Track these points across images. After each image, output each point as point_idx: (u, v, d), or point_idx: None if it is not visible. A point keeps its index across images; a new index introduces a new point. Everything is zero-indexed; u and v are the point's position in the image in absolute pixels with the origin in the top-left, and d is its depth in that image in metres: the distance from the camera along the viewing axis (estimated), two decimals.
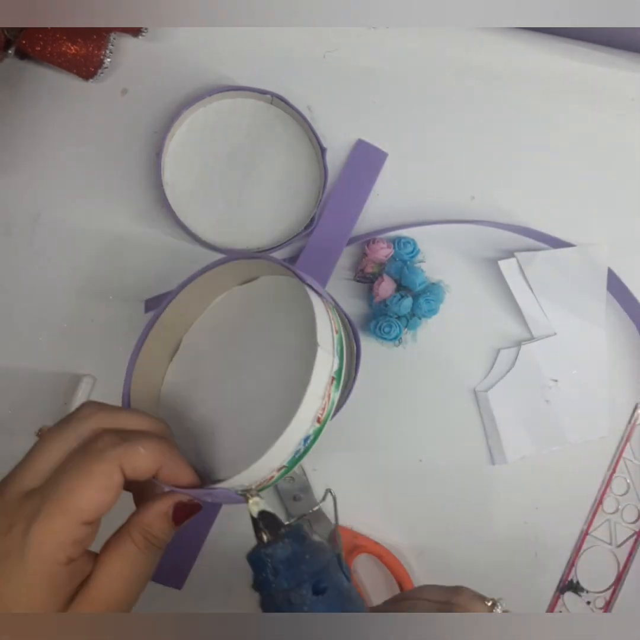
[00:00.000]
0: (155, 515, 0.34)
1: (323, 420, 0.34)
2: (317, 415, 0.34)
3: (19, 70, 0.52)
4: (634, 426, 0.55)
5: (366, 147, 0.54)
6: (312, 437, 0.34)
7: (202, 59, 0.54)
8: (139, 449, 0.32)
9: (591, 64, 0.57)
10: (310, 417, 0.33)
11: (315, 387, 0.33)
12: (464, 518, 0.52)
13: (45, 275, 0.51)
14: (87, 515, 0.31)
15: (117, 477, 0.31)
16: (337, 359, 0.35)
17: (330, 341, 0.35)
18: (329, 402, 0.34)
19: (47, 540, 0.30)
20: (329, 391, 0.34)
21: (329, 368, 0.34)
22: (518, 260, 0.53)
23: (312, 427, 0.34)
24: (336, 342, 0.35)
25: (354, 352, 0.51)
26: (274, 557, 0.33)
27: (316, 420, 0.34)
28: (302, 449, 0.34)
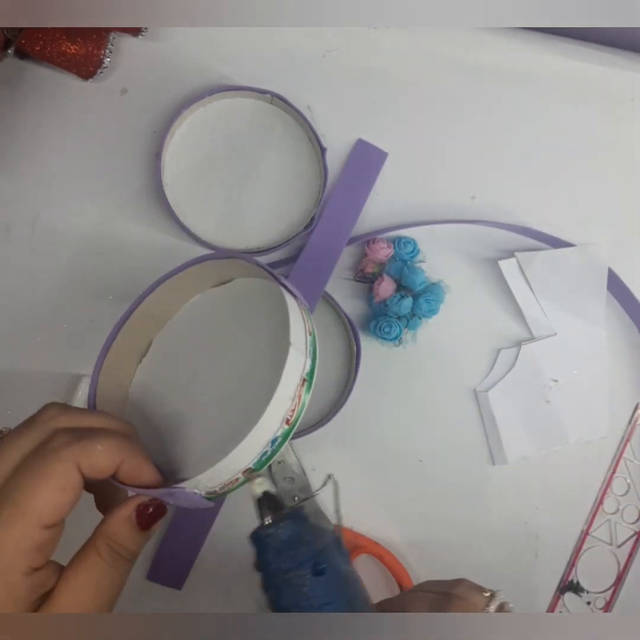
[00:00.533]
0: (118, 521, 0.32)
1: (292, 422, 0.33)
2: (286, 416, 0.33)
3: (19, 70, 0.52)
4: (634, 426, 0.55)
5: (366, 147, 0.54)
6: (281, 439, 0.33)
7: (201, 58, 0.54)
8: (96, 446, 0.31)
9: (591, 64, 0.57)
10: (279, 418, 0.33)
11: (285, 388, 0.32)
12: (464, 518, 0.52)
13: (45, 275, 0.51)
14: (46, 518, 0.29)
15: (74, 476, 0.30)
16: (310, 361, 0.34)
17: (303, 341, 0.34)
18: (300, 403, 0.33)
19: (7, 547, 0.29)
20: (300, 392, 0.33)
21: (301, 369, 0.34)
22: (518, 260, 0.53)
23: (281, 429, 0.33)
24: (309, 343, 0.35)
25: (354, 352, 0.51)
26: (276, 537, 0.33)
27: (285, 421, 0.33)
28: (269, 451, 0.33)
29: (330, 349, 0.52)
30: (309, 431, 0.50)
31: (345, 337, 0.52)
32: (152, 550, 0.48)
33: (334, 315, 0.52)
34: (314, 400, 0.51)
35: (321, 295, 0.51)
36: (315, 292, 0.51)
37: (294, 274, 0.51)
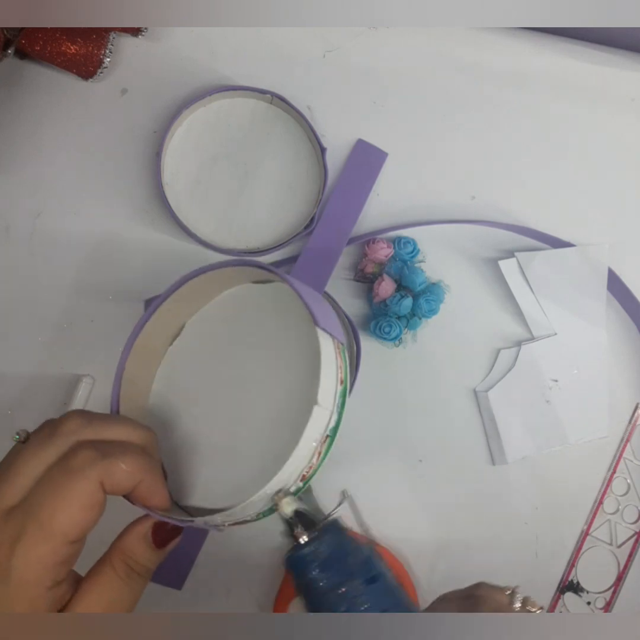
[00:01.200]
0: (135, 538, 0.33)
1: (308, 478, 0.32)
2: (302, 473, 0.32)
3: (19, 69, 0.52)
4: (634, 426, 0.55)
5: (366, 147, 0.54)
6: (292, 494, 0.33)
7: (202, 58, 0.54)
8: (120, 465, 0.31)
9: (591, 64, 0.57)
10: (297, 473, 0.32)
11: (304, 447, 0.31)
12: (464, 518, 0.52)
13: (45, 275, 0.51)
14: (71, 536, 0.30)
15: (98, 495, 0.31)
16: (336, 415, 0.32)
17: (332, 395, 0.32)
18: (318, 459, 0.32)
19: (32, 564, 0.29)
20: (320, 449, 0.31)
21: (324, 425, 0.31)
22: (518, 260, 0.53)
23: (294, 485, 0.32)
24: (338, 395, 0.32)
25: (354, 352, 0.51)
26: (318, 554, 0.32)
27: (300, 478, 0.32)
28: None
29: None
30: None
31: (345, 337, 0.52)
32: None
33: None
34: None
35: (321, 295, 0.51)
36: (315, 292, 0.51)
37: (294, 274, 0.51)
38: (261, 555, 0.49)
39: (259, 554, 0.49)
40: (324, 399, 0.31)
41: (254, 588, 0.49)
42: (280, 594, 0.48)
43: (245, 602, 0.49)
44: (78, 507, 0.30)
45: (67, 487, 0.30)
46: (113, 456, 0.31)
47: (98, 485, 0.30)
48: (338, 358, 0.33)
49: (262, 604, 0.49)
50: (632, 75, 0.57)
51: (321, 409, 0.30)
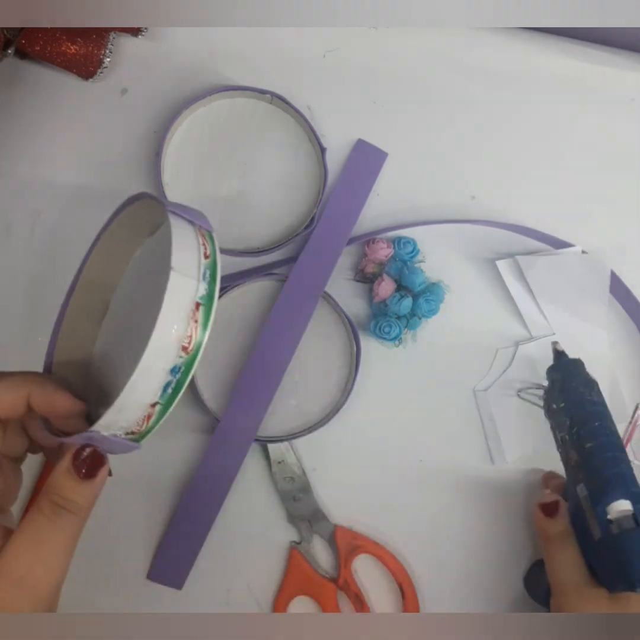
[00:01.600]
0: (58, 474, 0.32)
1: (193, 350, 0.32)
2: (182, 343, 0.32)
3: (19, 70, 0.52)
4: (635, 426, 0.55)
5: (366, 147, 0.54)
6: (183, 369, 0.32)
7: (201, 58, 0.54)
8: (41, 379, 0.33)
9: (591, 64, 0.57)
10: (171, 342, 0.31)
11: (170, 313, 0.31)
12: (464, 518, 0.52)
13: (45, 275, 0.51)
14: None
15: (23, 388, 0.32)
16: (205, 284, 0.33)
17: (195, 265, 0.33)
18: (196, 331, 0.32)
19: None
20: (196, 317, 0.32)
21: (191, 293, 0.32)
22: (519, 263, 0.53)
23: (180, 357, 0.32)
24: (204, 266, 0.33)
25: (354, 352, 0.51)
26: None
27: (182, 349, 0.32)
28: (173, 382, 0.32)
29: (330, 349, 0.52)
30: (309, 431, 0.50)
31: (345, 337, 0.52)
32: (152, 549, 0.48)
33: (334, 315, 0.52)
34: (314, 400, 0.51)
35: (321, 295, 0.51)
36: (315, 292, 0.51)
37: (294, 274, 0.51)
38: (261, 555, 0.49)
39: (259, 554, 0.49)
40: (179, 264, 0.32)
41: (254, 588, 0.49)
42: (280, 594, 0.48)
43: (245, 602, 0.49)
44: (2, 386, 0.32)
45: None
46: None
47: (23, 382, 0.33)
48: (199, 237, 0.34)
49: (262, 604, 0.49)
50: (632, 75, 0.57)
51: (179, 275, 0.32)
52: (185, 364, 0.32)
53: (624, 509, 0.41)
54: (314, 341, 0.51)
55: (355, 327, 0.51)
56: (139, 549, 0.48)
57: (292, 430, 0.50)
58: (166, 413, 0.33)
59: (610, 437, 0.44)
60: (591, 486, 0.42)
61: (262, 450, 0.50)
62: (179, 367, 0.32)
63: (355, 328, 0.51)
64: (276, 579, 0.49)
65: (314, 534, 0.50)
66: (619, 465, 0.42)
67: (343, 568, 0.49)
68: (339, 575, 0.49)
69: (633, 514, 0.40)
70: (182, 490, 0.49)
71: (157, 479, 0.49)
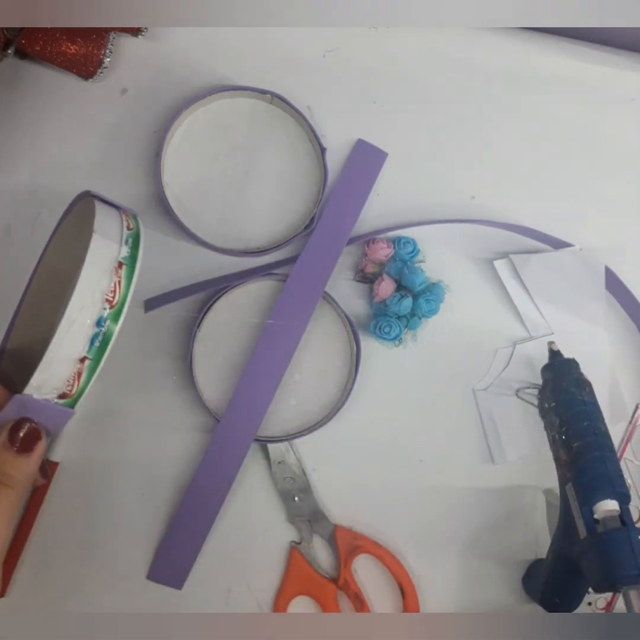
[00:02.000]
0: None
1: (117, 304, 0.34)
2: (105, 296, 0.34)
3: (19, 70, 0.52)
4: (635, 426, 0.55)
5: (366, 147, 0.54)
6: (109, 322, 0.34)
7: (201, 58, 0.54)
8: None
9: (591, 64, 0.57)
10: (94, 294, 0.34)
11: (92, 266, 0.34)
12: (463, 518, 0.52)
13: None
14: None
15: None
16: (127, 248, 0.36)
17: (117, 231, 0.36)
18: (120, 286, 0.34)
19: None
20: (118, 276, 0.35)
21: (113, 254, 0.35)
22: (513, 262, 0.53)
23: (105, 310, 0.34)
24: (126, 235, 0.37)
25: (354, 351, 0.51)
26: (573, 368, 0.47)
27: (106, 302, 0.34)
28: (100, 334, 0.34)
29: (330, 349, 0.52)
30: (309, 431, 0.50)
31: (345, 336, 0.52)
32: (152, 550, 0.48)
33: (334, 315, 0.52)
34: (314, 400, 0.51)
35: (321, 295, 0.51)
36: (315, 292, 0.51)
37: (294, 273, 0.51)
38: (261, 555, 0.49)
39: (259, 554, 0.49)
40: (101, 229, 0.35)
41: (254, 588, 0.49)
42: (280, 594, 0.48)
43: (245, 602, 0.49)
44: None
45: None
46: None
47: None
48: (123, 215, 0.38)
49: (262, 604, 0.49)
50: (632, 75, 0.57)
51: (100, 236, 0.35)
52: (111, 316, 0.34)
53: (610, 509, 0.41)
54: (314, 341, 0.51)
55: (355, 327, 0.51)
56: (139, 549, 0.48)
57: (292, 430, 0.50)
58: (96, 370, 0.34)
59: (599, 437, 0.44)
60: (578, 485, 0.43)
61: (262, 450, 0.50)
62: (105, 319, 0.34)
63: (355, 328, 0.51)
64: (276, 579, 0.49)
65: (314, 534, 0.50)
66: (605, 465, 0.42)
67: (343, 568, 0.49)
68: (339, 575, 0.49)
69: (619, 515, 0.40)
70: (182, 490, 0.49)
71: (157, 479, 0.49)
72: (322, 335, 0.52)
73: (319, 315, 0.52)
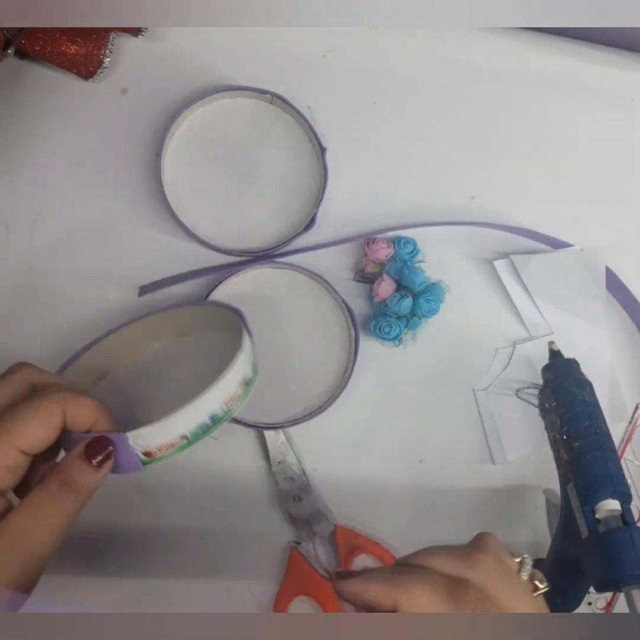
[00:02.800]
0: (70, 457, 0.34)
1: (232, 408, 0.38)
2: (227, 401, 0.38)
3: (19, 70, 0.52)
4: (635, 427, 0.55)
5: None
6: (219, 419, 0.38)
7: (202, 59, 0.54)
8: (80, 399, 0.34)
9: (591, 64, 0.57)
10: (221, 399, 0.38)
11: (231, 376, 0.38)
12: (464, 518, 0.52)
13: (45, 275, 0.51)
14: (24, 444, 0.32)
15: (58, 417, 0.33)
16: (251, 372, 0.41)
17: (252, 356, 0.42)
18: (238, 396, 0.39)
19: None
20: (240, 389, 0.39)
21: (246, 370, 0.40)
22: (513, 263, 0.53)
23: (221, 409, 0.38)
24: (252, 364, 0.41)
25: (352, 336, 0.51)
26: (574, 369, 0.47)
27: (225, 404, 0.38)
28: (207, 427, 0.37)
29: (328, 334, 0.52)
30: (310, 416, 0.50)
31: (343, 322, 0.52)
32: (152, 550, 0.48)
33: (332, 301, 0.52)
34: (314, 386, 0.51)
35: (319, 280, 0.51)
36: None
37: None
38: (261, 555, 0.49)
39: (259, 553, 0.49)
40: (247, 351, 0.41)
41: (254, 588, 0.49)
42: (280, 594, 0.48)
43: (245, 602, 0.49)
44: (37, 421, 0.33)
45: (33, 404, 0.33)
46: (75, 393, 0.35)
47: (60, 409, 0.33)
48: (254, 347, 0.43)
49: (262, 604, 0.49)
50: (632, 75, 0.57)
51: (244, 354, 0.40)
52: (222, 416, 0.38)
53: (612, 509, 0.41)
54: (313, 327, 0.52)
55: (353, 313, 0.51)
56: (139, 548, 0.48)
57: (292, 417, 0.50)
58: (185, 449, 0.37)
59: (600, 437, 0.44)
60: (579, 485, 0.43)
61: (262, 450, 0.50)
62: (218, 417, 0.38)
63: (352, 313, 0.51)
64: (276, 579, 0.49)
65: (314, 534, 0.50)
66: (607, 465, 0.42)
67: (343, 568, 0.49)
68: None
69: (621, 514, 0.40)
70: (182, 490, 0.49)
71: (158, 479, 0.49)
72: (321, 322, 0.52)
73: (317, 300, 0.52)
